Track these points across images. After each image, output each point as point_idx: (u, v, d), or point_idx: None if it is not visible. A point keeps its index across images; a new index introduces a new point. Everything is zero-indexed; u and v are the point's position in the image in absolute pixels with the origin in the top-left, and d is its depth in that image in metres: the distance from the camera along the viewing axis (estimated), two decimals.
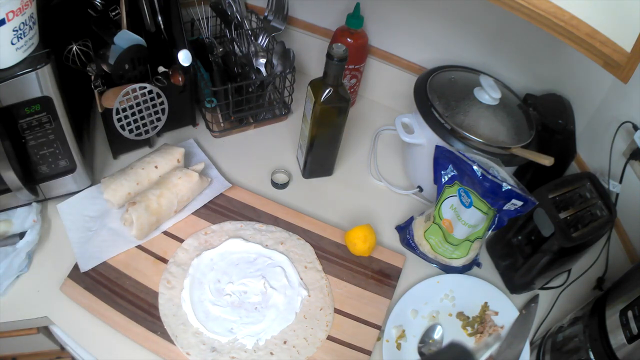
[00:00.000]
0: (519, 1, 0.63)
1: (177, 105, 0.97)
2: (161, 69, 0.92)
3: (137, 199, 0.85)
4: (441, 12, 1.00)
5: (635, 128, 0.82)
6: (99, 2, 0.89)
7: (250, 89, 1.03)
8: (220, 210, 0.93)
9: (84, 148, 0.89)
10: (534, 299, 0.87)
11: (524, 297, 0.89)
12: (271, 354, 0.76)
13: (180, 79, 0.93)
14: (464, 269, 0.91)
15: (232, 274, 0.83)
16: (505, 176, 0.79)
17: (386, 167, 1.07)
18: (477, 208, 0.80)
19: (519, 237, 0.88)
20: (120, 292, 0.79)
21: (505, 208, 0.78)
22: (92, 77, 0.86)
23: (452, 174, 0.84)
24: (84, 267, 0.80)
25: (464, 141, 0.86)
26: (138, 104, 0.88)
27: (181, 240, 0.87)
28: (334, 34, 1.07)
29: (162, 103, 0.92)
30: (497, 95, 0.89)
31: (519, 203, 0.77)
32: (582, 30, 0.63)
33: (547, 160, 0.83)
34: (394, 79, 1.14)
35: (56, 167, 0.84)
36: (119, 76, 0.87)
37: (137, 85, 0.86)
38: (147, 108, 0.90)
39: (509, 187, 0.76)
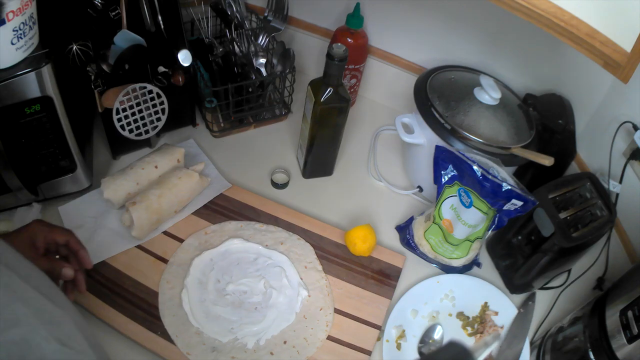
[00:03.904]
0: (519, 1, 0.64)
1: (177, 105, 0.97)
2: (161, 69, 0.92)
3: (137, 199, 0.85)
4: (441, 12, 1.00)
5: (635, 128, 0.82)
6: (99, 2, 0.89)
7: (250, 89, 1.03)
8: (220, 210, 0.93)
9: (84, 148, 0.89)
10: (531, 297, 0.87)
11: (523, 297, 0.89)
12: (271, 353, 0.76)
13: (180, 79, 0.93)
14: (464, 269, 0.91)
15: (232, 274, 0.83)
16: (505, 176, 0.80)
17: (386, 167, 1.07)
18: (477, 208, 0.80)
19: (519, 237, 0.88)
20: (120, 292, 0.79)
21: (505, 208, 0.78)
22: (92, 77, 0.86)
23: (452, 174, 0.84)
24: None
25: (464, 141, 0.86)
26: (138, 104, 0.88)
27: (181, 240, 0.87)
28: (334, 34, 1.07)
29: (162, 103, 0.92)
30: (497, 95, 0.89)
31: (519, 203, 0.77)
32: (582, 30, 0.64)
33: (547, 160, 0.83)
34: (394, 79, 1.14)
35: (56, 167, 0.84)
36: (119, 76, 0.87)
37: (137, 85, 0.86)
38: (147, 108, 0.90)
39: (509, 187, 0.76)
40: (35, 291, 0.41)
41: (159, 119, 0.93)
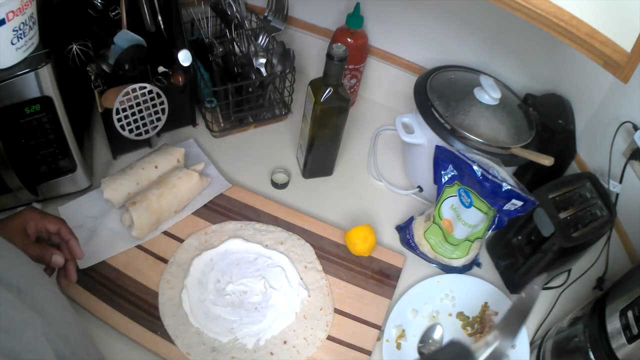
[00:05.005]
0: (519, 1, 0.63)
1: (177, 105, 0.97)
2: (161, 69, 0.92)
3: (137, 199, 0.85)
4: (441, 12, 1.00)
5: (635, 128, 0.82)
6: (99, 2, 0.89)
7: (250, 89, 1.03)
8: (220, 210, 0.93)
9: (84, 148, 0.89)
10: (538, 282, 0.68)
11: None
12: (271, 354, 0.76)
13: (180, 79, 0.93)
14: (464, 269, 0.91)
15: (232, 274, 0.83)
16: (505, 176, 0.80)
17: (386, 167, 1.07)
18: (477, 208, 0.80)
19: (519, 237, 0.88)
20: (120, 292, 0.79)
21: (505, 208, 0.78)
22: (92, 77, 0.86)
23: (452, 174, 0.84)
24: (82, 265, 0.80)
25: (464, 141, 0.86)
26: (138, 104, 0.88)
27: (181, 240, 0.87)
28: (334, 34, 1.07)
29: (162, 103, 0.92)
30: (497, 95, 0.89)
31: (519, 203, 0.77)
32: (582, 30, 0.64)
33: (547, 160, 0.83)
34: (394, 79, 1.14)
35: (56, 167, 0.84)
36: (119, 76, 0.87)
37: (137, 85, 0.86)
38: (147, 108, 0.90)
39: (509, 187, 0.76)
40: (5, 291, 0.40)
41: (159, 119, 0.93)
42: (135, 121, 0.90)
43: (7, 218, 0.68)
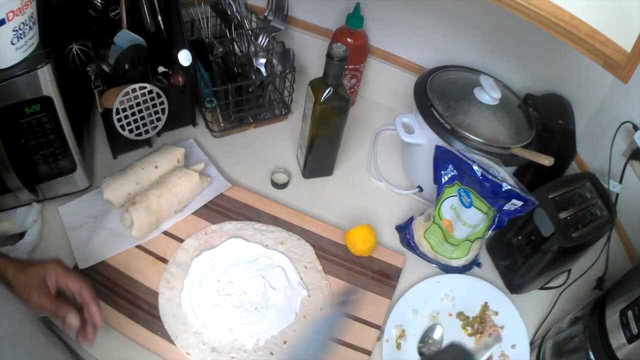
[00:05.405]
0: (519, 1, 0.63)
1: (177, 105, 0.97)
2: (161, 69, 0.92)
3: (137, 199, 0.85)
4: (441, 12, 1.00)
5: (635, 128, 0.82)
6: (99, 2, 0.90)
7: (250, 89, 1.03)
8: (220, 210, 0.93)
9: (84, 148, 0.89)
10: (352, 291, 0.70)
11: (523, 297, 0.89)
12: (271, 354, 0.76)
13: (180, 79, 0.93)
14: (464, 269, 0.91)
15: (232, 274, 0.83)
16: (505, 176, 0.79)
17: (386, 167, 1.07)
18: (477, 208, 0.80)
19: (519, 237, 0.88)
20: (120, 292, 0.79)
21: (505, 208, 0.78)
22: (92, 77, 0.86)
23: (452, 174, 0.84)
24: (83, 265, 0.80)
25: (464, 141, 0.86)
26: (138, 104, 0.88)
27: (181, 240, 0.87)
28: (334, 34, 1.07)
29: (162, 103, 0.92)
30: (497, 95, 0.89)
31: (519, 203, 0.77)
32: (582, 30, 0.64)
33: (547, 160, 0.83)
34: (394, 79, 1.14)
35: (56, 167, 0.84)
36: (119, 76, 0.87)
37: (137, 85, 0.86)
38: (147, 108, 0.90)
39: (509, 187, 0.76)
40: None
41: (158, 119, 0.93)
42: (135, 121, 0.90)
43: (29, 264, 0.67)
